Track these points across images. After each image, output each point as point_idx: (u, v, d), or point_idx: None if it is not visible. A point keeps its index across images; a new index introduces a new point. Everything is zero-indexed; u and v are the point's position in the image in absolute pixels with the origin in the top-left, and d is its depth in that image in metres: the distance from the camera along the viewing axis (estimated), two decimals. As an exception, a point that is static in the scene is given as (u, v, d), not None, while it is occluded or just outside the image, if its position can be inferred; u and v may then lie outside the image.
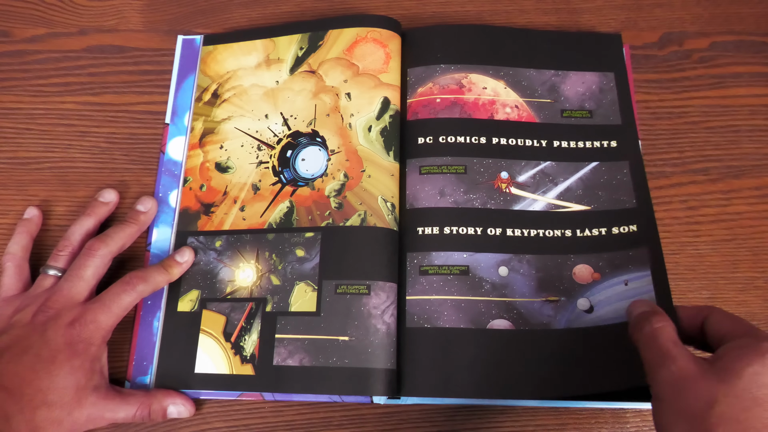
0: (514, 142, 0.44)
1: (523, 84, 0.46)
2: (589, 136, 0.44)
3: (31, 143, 0.47)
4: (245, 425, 0.40)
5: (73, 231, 0.41)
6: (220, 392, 0.39)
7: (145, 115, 0.47)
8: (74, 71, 0.49)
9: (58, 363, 0.35)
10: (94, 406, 0.35)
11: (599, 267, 0.41)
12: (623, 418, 0.39)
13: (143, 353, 0.40)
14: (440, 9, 0.51)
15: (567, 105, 0.45)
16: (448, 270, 0.40)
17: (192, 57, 0.48)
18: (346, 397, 0.39)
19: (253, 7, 0.51)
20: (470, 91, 0.45)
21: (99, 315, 0.36)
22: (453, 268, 0.40)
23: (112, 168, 0.46)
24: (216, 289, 0.41)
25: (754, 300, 0.42)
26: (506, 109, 0.45)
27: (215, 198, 0.44)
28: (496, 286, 0.40)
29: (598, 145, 0.44)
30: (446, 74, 0.46)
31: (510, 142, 0.44)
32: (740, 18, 0.50)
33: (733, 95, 0.48)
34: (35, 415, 0.33)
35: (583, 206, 0.42)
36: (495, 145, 0.44)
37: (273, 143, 0.44)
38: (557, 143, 0.44)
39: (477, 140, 0.44)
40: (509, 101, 0.45)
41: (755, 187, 0.45)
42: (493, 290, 0.40)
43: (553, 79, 0.46)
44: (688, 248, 0.44)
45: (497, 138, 0.44)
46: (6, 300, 0.39)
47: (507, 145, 0.44)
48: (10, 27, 0.50)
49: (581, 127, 0.44)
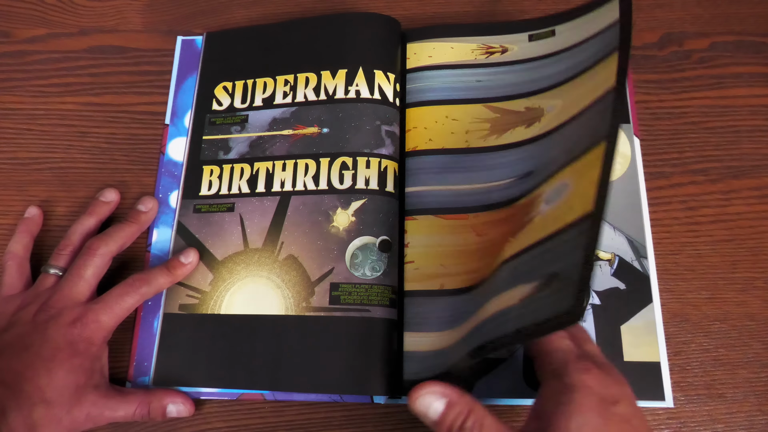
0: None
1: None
2: None
3: (32, 144, 0.47)
4: (245, 425, 0.40)
5: (74, 230, 0.41)
6: (221, 392, 0.39)
7: (146, 115, 0.47)
8: (74, 72, 0.49)
9: (58, 361, 0.35)
10: (94, 404, 0.36)
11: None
12: (623, 418, 0.39)
13: (144, 353, 0.40)
14: (440, 9, 0.51)
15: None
16: None
17: (192, 58, 0.49)
18: (346, 397, 0.39)
19: (253, 8, 0.51)
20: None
21: (101, 315, 0.36)
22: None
23: (112, 168, 0.46)
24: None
25: (754, 300, 0.42)
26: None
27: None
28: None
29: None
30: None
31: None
32: (740, 18, 0.50)
33: (733, 95, 0.48)
34: (33, 412, 0.34)
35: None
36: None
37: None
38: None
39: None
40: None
41: (755, 188, 0.45)
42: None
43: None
44: (687, 248, 0.44)
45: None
46: (7, 299, 0.39)
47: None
48: (10, 27, 0.50)
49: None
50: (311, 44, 0.47)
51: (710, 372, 0.41)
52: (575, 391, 0.29)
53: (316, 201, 0.42)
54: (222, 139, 0.46)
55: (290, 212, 0.42)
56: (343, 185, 0.42)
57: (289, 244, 0.42)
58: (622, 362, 0.39)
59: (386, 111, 0.44)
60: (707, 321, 0.42)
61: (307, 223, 0.42)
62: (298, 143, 0.44)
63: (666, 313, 0.42)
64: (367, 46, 0.46)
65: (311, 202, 0.42)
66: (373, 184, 0.42)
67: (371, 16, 0.47)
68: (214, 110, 0.47)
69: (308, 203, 0.42)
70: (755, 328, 0.42)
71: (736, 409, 0.40)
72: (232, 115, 0.46)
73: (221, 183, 0.44)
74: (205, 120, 0.47)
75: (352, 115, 0.44)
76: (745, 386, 0.40)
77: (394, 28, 0.47)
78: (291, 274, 0.41)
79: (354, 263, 0.40)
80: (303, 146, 0.44)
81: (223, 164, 0.45)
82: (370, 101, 0.44)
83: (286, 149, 0.44)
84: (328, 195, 0.42)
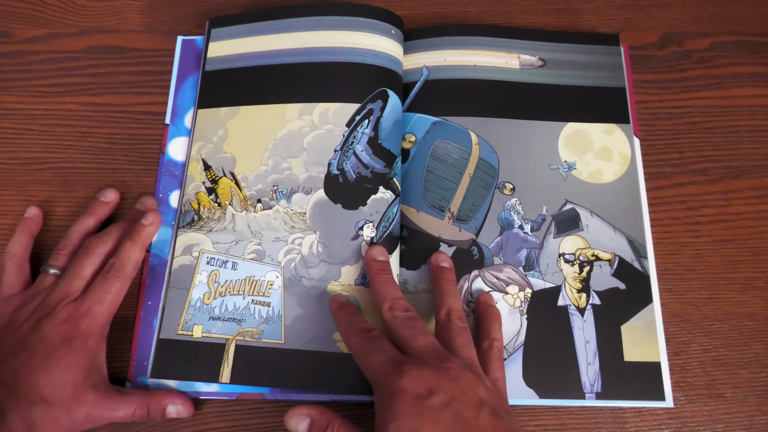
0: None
1: None
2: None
3: (32, 144, 0.47)
4: (245, 425, 0.40)
5: (74, 230, 0.41)
6: (220, 392, 0.39)
7: (146, 115, 0.47)
8: (75, 72, 0.49)
9: (55, 360, 0.35)
10: (93, 405, 0.36)
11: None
12: (622, 417, 0.39)
13: (143, 353, 0.40)
14: (440, 9, 0.51)
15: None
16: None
17: (192, 58, 0.48)
18: (347, 397, 0.39)
19: (254, 7, 0.51)
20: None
21: (93, 306, 0.37)
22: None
23: (112, 168, 0.46)
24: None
25: (754, 300, 0.42)
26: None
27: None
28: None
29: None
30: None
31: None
32: (740, 18, 0.50)
33: (733, 95, 0.48)
34: (31, 412, 0.34)
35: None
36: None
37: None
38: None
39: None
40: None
41: (755, 188, 0.45)
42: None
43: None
44: (687, 248, 0.44)
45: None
46: (6, 299, 0.39)
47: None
48: (10, 27, 0.50)
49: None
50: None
51: (710, 372, 0.41)
52: (392, 399, 0.30)
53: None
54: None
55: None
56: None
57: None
58: (623, 362, 0.39)
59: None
60: (707, 321, 0.42)
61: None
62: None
63: (666, 313, 0.42)
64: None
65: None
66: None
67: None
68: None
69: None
70: (755, 328, 0.42)
71: (736, 409, 0.40)
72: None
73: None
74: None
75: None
76: (745, 386, 0.40)
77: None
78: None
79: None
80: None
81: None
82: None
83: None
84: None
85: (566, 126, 0.45)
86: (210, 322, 0.40)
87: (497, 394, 0.33)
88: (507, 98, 0.46)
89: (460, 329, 0.36)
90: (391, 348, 0.34)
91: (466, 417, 0.30)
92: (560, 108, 0.46)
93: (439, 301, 0.38)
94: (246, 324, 0.40)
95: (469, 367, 0.33)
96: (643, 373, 0.39)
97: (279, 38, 0.46)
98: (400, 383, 0.31)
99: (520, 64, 0.47)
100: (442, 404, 0.30)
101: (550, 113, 0.45)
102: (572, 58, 0.47)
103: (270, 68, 0.45)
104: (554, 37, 0.48)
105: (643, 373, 0.39)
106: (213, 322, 0.40)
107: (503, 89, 0.46)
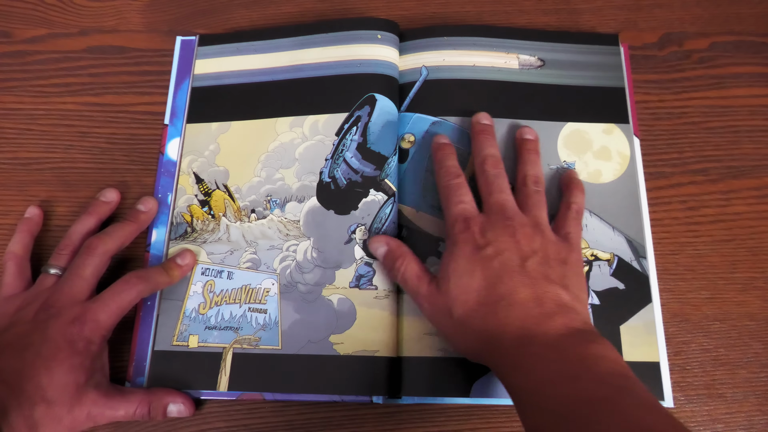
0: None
1: None
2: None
3: (32, 144, 0.47)
4: (245, 425, 0.40)
5: (75, 230, 0.41)
6: (220, 392, 0.39)
7: (146, 115, 0.47)
8: (75, 72, 0.49)
9: (59, 360, 0.35)
10: (95, 403, 0.36)
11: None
12: (622, 418, 0.39)
13: (143, 354, 0.40)
14: (440, 9, 0.51)
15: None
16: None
17: (191, 58, 0.48)
18: (346, 397, 0.39)
19: (254, 8, 0.51)
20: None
21: (99, 314, 0.36)
22: None
23: (112, 168, 0.46)
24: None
25: (754, 300, 0.42)
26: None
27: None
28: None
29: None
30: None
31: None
32: (740, 18, 0.50)
33: (733, 95, 0.48)
34: (34, 411, 0.34)
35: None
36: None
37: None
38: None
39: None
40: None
41: (755, 188, 0.45)
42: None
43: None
44: (687, 248, 0.44)
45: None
46: (7, 298, 0.39)
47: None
48: (10, 27, 0.50)
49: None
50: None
51: (710, 372, 0.41)
52: (455, 245, 0.37)
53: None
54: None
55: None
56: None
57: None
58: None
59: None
60: (707, 321, 0.42)
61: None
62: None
63: (666, 313, 0.42)
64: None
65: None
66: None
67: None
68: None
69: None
70: (755, 328, 0.42)
71: (736, 409, 0.40)
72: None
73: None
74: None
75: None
76: (745, 386, 0.40)
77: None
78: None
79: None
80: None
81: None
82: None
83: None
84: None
85: (565, 126, 0.45)
86: (206, 331, 0.40)
87: (557, 244, 0.37)
88: (506, 98, 0.46)
89: (533, 192, 0.40)
90: (468, 200, 0.39)
91: (512, 265, 0.35)
92: (559, 108, 0.46)
93: (519, 167, 0.42)
94: (243, 332, 0.40)
95: (531, 224, 0.37)
96: (642, 373, 0.39)
97: (267, 57, 0.47)
98: (465, 235, 0.37)
99: (519, 65, 0.47)
100: (495, 253, 0.35)
101: (549, 113, 0.45)
102: (572, 58, 0.47)
103: (260, 85, 0.46)
104: (554, 37, 0.48)
105: (643, 373, 0.39)
106: (209, 332, 0.40)
107: (502, 89, 0.46)
